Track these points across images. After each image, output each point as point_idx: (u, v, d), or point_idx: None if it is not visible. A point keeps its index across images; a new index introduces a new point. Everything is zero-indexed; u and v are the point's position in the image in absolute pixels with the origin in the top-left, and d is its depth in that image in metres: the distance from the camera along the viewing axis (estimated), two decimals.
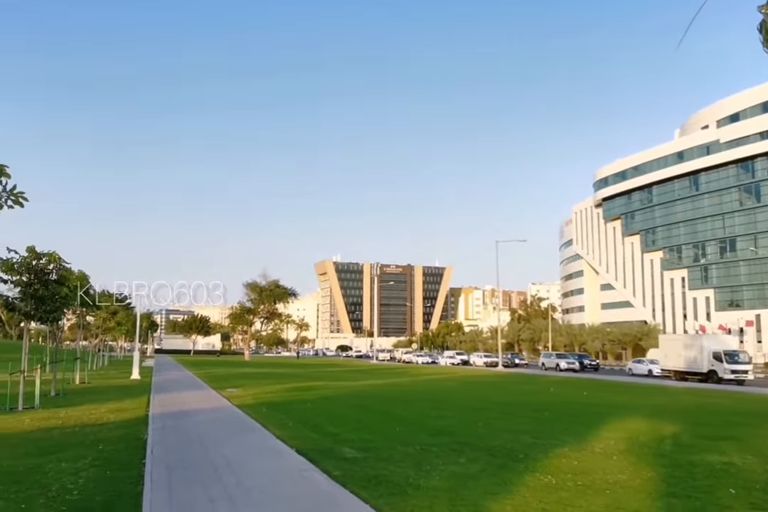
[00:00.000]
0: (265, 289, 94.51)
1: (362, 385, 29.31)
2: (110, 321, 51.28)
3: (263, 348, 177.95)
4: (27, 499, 7.20)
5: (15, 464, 9.33)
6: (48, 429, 13.30)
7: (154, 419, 14.88)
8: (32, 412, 16.34)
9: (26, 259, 18.97)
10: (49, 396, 20.54)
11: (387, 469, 9.05)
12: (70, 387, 25.69)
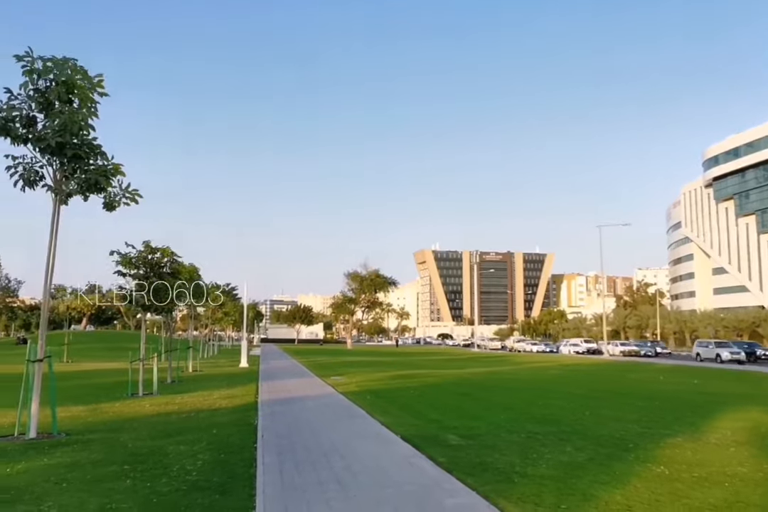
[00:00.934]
0: (365, 279, 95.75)
1: (464, 373, 29.26)
2: (219, 312, 53.43)
3: (365, 337, 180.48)
4: (152, 478, 7.63)
5: (139, 445, 9.90)
6: (166, 413, 14.03)
7: (262, 405, 15.40)
8: (151, 398, 17.27)
9: (142, 254, 20.01)
10: (165, 383, 21.62)
11: (492, 457, 9.02)
12: (184, 374, 26.99)
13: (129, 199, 11.93)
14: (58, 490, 7.10)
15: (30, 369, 11.12)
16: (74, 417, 13.16)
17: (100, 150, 11.33)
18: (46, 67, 10.74)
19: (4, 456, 9.18)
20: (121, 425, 12.16)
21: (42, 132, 10.88)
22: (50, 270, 11.29)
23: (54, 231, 11.29)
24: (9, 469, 8.24)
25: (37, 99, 10.93)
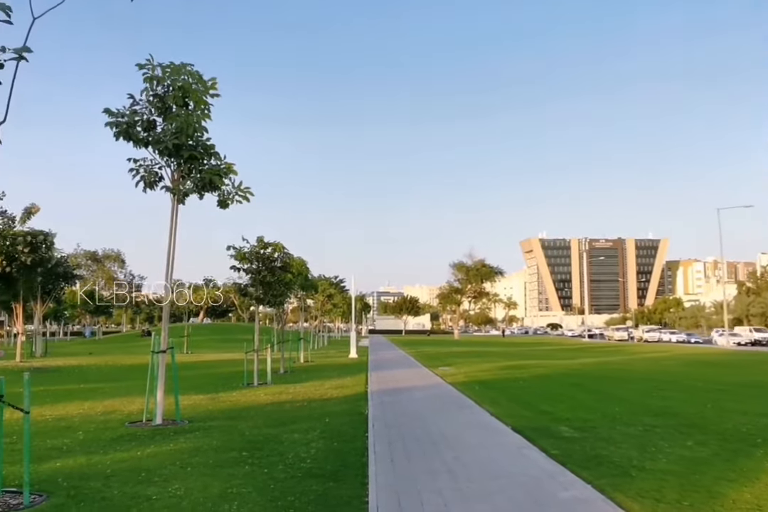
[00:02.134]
0: (471, 269, 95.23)
1: (575, 364, 28.59)
2: (327, 304, 54.55)
3: (472, 328, 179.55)
4: (268, 465, 7.92)
5: (256, 433, 10.29)
6: (280, 403, 14.49)
7: (372, 395, 15.64)
8: (266, 388, 17.88)
9: (255, 248, 20.71)
10: (278, 374, 22.32)
11: (607, 450, 8.79)
12: (296, 365, 27.76)
13: (241, 196, 12.36)
14: (184, 474, 7.49)
15: (154, 360, 11.77)
16: (196, 406, 13.82)
17: (214, 150, 11.79)
18: (165, 73, 11.28)
19: (134, 440, 9.78)
20: (239, 413, 12.68)
21: (160, 135, 11.44)
22: (170, 266, 11.89)
23: (173, 229, 11.86)
24: (139, 453, 8.77)
25: (156, 104, 11.50)
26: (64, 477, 7.30)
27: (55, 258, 34.67)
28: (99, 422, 11.62)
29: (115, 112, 11.37)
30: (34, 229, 31.87)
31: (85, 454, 8.67)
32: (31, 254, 30.49)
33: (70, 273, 41.04)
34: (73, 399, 15.26)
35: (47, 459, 8.33)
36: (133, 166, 11.87)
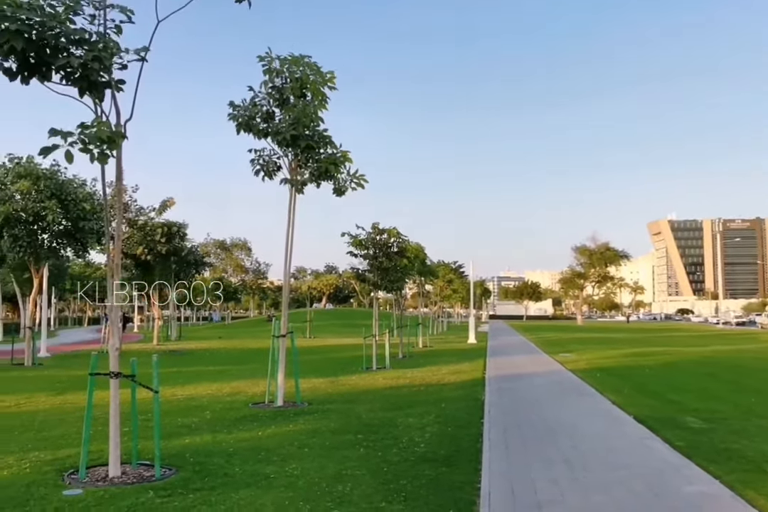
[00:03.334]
0: (594, 252, 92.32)
1: (707, 351, 27.09)
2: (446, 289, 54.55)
3: (596, 313, 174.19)
4: (383, 448, 8.03)
5: (372, 417, 10.45)
6: (398, 387, 14.65)
7: (490, 381, 15.50)
8: (384, 372, 18.12)
9: (371, 235, 20.98)
10: (397, 358, 22.56)
11: (739, 443, 8.28)
12: (415, 350, 27.97)
13: (356, 184, 12.52)
14: (301, 454, 7.73)
15: (275, 343, 12.18)
16: (315, 388, 14.21)
17: (330, 140, 11.97)
18: (283, 65, 11.55)
19: (256, 420, 10.19)
20: (357, 397, 12.92)
21: (279, 126, 11.74)
22: (289, 253, 12.24)
23: (291, 217, 12.19)
24: (260, 433, 9.13)
25: (274, 95, 11.81)
26: (191, 453, 7.71)
27: (187, 247, 36.58)
28: (225, 402, 12.20)
29: (237, 104, 11.80)
30: (169, 221, 33.76)
31: (211, 432, 9.12)
32: (166, 244, 32.37)
33: (201, 261, 43.19)
34: (203, 380, 16.09)
35: (177, 436, 8.83)
36: (254, 156, 12.28)
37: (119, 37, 6.58)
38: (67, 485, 6.42)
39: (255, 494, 6.04)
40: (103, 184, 7.28)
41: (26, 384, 15.67)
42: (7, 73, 6.23)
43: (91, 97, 6.56)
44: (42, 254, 22.40)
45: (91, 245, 23.09)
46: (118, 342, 6.94)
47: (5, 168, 21.41)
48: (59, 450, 7.94)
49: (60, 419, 10.40)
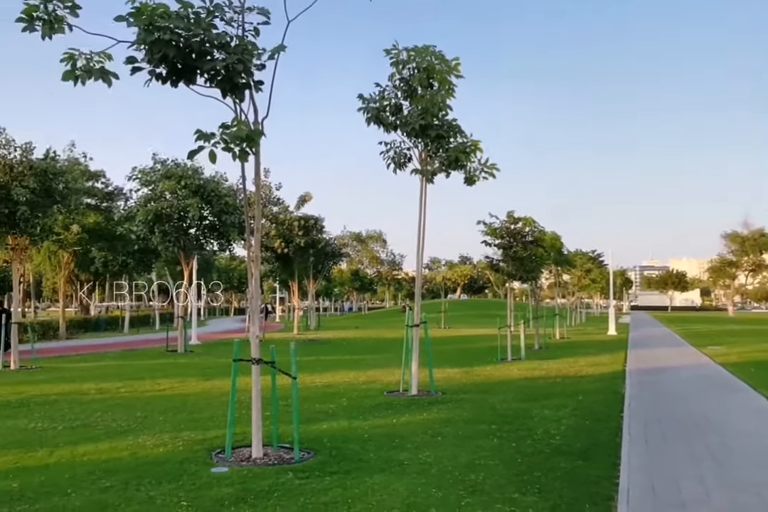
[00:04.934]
0: (747, 239, 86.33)
1: None
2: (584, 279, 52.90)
3: (750, 304, 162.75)
4: (517, 439, 7.94)
5: (506, 407, 10.36)
6: (533, 378, 14.42)
7: (630, 374, 14.92)
8: (519, 363, 17.89)
9: (505, 224, 20.73)
10: (532, 349, 22.18)
11: None
12: (551, 341, 27.39)
13: (487, 173, 12.39)
14: (434, 443, 7.80)
15: (409, 333, 12.33)
16: (449, 378, 14.26)
17: (459, 129, 11.93)
18: (410, 57, 11.64)
19: (391, 408, 10.38)
20: (491, 387, 12.84)
21: (407, 117, 11.84)
22: (421, 244, 12.35)
23: (422, 207, 12.28)
24: (395, 420, 9.30)
25: (402, 87, 11.93)
26: (328, 438, 7.98)
27: (324, 240, 37.69)
28: (361, 390, 12.50)
29: (367, 98, 12.01)
30: (306, 214, 34.93)
31: (347, 419, 9.39)
32: (304, 237, 33.49)
33: (338, 253, 44.39)
34: (340, 368, 16.58)
35: (315, 421, 9.17)
36: (384, 149, 12.46)
37: (257, 39, 6.88)
38: (214, 463, 6.84)
39: (388, 479, 6.17)
40: (244, 181, 7.66)
41: (179, 370, 16.80)
42: (159, 78, 6.67)
43: (231, 97, 6.91)
44: (190, 248, 23.88)
45: (233, 238, 24.34)
46: (258, 330, 7.30)
47: (154, 169, 22.96)
48: (208, 431, 8.47)
49: (208, 402, 11.08)
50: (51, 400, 11.52)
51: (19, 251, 19.35)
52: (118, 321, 42.49)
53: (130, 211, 24.98)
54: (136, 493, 5.80)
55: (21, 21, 6.22)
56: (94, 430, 8.75)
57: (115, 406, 10.78)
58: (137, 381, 14.15)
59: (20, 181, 17.22)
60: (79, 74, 6.26)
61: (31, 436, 8.39)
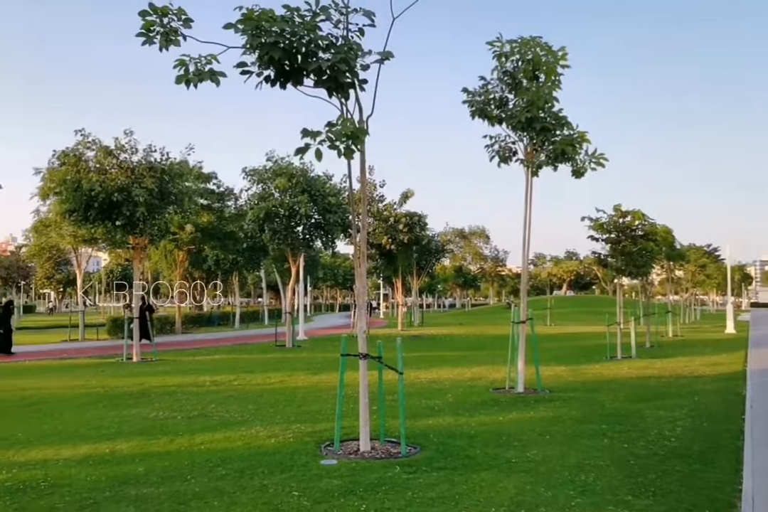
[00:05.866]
0: None
1: None
2: (699, 275, 50.51)
3: None
4: (629, 440, 7.69)
5: (617, 407, 10.06)
6: (644, 377, 13.92)
7: (752, 374, 14.13)
8: (629, 361, 17.31)
9: (613, 218, 20.07)
10: (643, 347, 21.41)
11: None
12: (664, 339, 26.32)
13: (596, 163, 12.05)
14: (542, 441, 7.67)
15: (515, 330, 12.17)
16: (556, 376, 13.97)
17: (566, 120, 11.66)
18: (513, 49, 11.47)
19: (497, 405, 10.29)
20: (600, 386, 12.49)
21: (512, 110, 11.69)
22: (527, 238, 12.16)
23: (528, 201, 12.10)
24: (501, 417, 9.21)
25: (506, 80, 11.78)
26: (434, 434, 8.01)
27: (427, 236, 37.75)
28: (466, 387, 12.45)
29: (471, 91, 11.94)
30: (410, 211, 35.08)
31: (452, 415, 9.38)
32: (408, 234, 33.66)
33: (441, 249, 44.36)
34: (444, 364, 16.57)
35: (421, 416, 9.21)
36: (488, 142, 12.34)
37: (362, 40, 6.97)
38: (324, 455, 7.00)
39: (496, 477, 6.12)
40: (350, 178, 7.79)
41: (287, 364, 17.28)
42: (267, 80, 6.89)
43: (337, 97, 7.04)
44: (297, 245, 24.53)
45: (336, 236, 24.80)
46: (365, 325, 7.40)
47: (266, 168, 23.68)
48: (317, 424, 8.67)
49: (316, 396, 11.34)
50: (170, 391, 12.13)
51: (139, 250, 20.50)
52: (229, 317, 44.18)
53: (240, 210, 25.88)
54: (250, 482, 6.02)
55: (141, 35, 6.58)
56: (210, 420, 9.14)
57: (229, 398, 11.22)
58: (249, 374, 14.67)
59: (140, 183, 18.21)
60: (190, 77, 6.54)
61: (153, 424, 8.86)
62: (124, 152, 18.93)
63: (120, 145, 18.88)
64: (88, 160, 18.88)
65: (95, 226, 19.28)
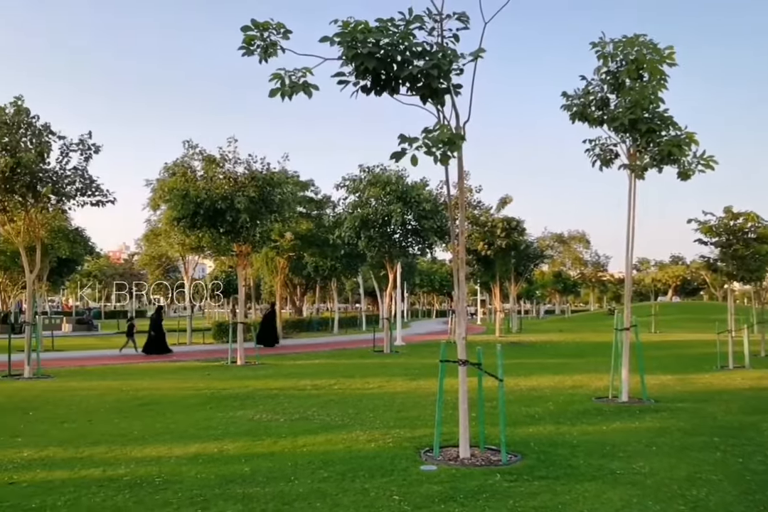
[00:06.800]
0: None
1: None
2: None
3: None
4: (743, 454, 7.31)
5: (730, 419, 9.58)
6: (760, 388, 13.19)
7: None
8: (742, 371, 16.46)
9: (723, 220, 19.19)
10: (758, 357, 20.28)
11: None
12: None
13: (704, 165, 11.57)
14: (648, 453, 7.40)
15: (618, 337, 11.81)
16: (663, 385, 13.45)
17: (672, 121, 11.25)
18: (617, 48, 11.18)
19: (600, 415, 10.02)
20: (710, 397, 11.93)
21: (615, 112, 11.38)
22: (631, 243, 11.80)
23: (631, 204, 11.75)
24: (605, 427, 8.96)
25: (608, 81, 11.49)
26: (535, 442, 7.88)
27: (525, 241, 37.24)
28: (567, 395, 12.18)
29: (570, 94, 11.72)
30: (508, 216, 34.72)
31: (553, 423, 9.20)
32: (505, 239, 33.31)
33: (539, 254, 43.62)
34: (544, 372, 16.27)
35: (521, 424, 9.09)
36: (588, 146, 12.07)
37: (456, 45, 6.99)
38: (423, 461, 7.02)
39: (600, 488, 5.96)
40: (447, 185, 7.81)
41: (386, 369, 17.42)
42: (363, 90, 7.02)
43: (432, 103, 7.08)
44: (394, 252, 24.74)
45: (433, 242, 24.84)
46: (464, 331, 7.38)
47: (360, 178, 24.04)
48: (416, 430, 8.71)
49: (415, 401, 11.38)
50: (273, 394, 12.48)
51: (242, 257, 21.21)
52: (328, 322, 44.96)
53: (338, 218, 26.36)
54: (352, 485, 6.12)
55: (242, 48, 6.84)
56: (311, 423, 9.34)
57: (329, 402, 11.43)
58: (348, 379, 14.89)
59: (242, 192, 18.88)
60: (284, 90, 6.74)
61: (257, 426, 9.15)
62: (228, 162, 19.68)
63: (225, 154, 19.64)
64: (194, 169, 19.78)
65: (202, 232, 20.10)
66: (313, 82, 6.73)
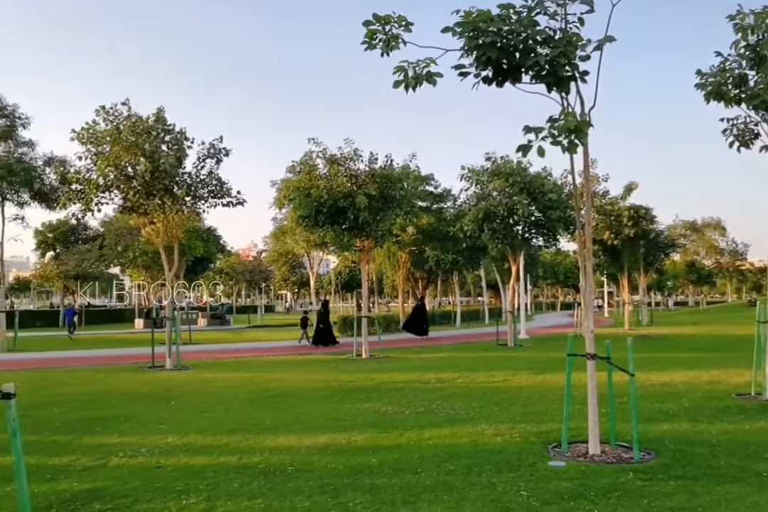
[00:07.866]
0: None
1: None
2: None
3: None
4: None
5: None
6: None
7: None
8: None
9: None
10: None
11: None
12: None
13: None
14: None
15: (761, 330, 11.07)
16: None
17: None
18: (758, 20, 10.43)
19: (742, 413, 9.44)
20: None
21: (755, 88, 10.64)
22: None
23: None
24: (747, 426, 8.44)
25: (748, 55, 10.74)
26: (670, 440, 7.53)
27: (655, 230, 35.68)
28: (704, 391, 11.57)
29: (705, 72, 11.07)
30: (635, 204, 33.37)
31: (690, 421, 8.77)
32: (633, 228, 32.06)
33: (670, 243, 41.62)
34: (678, 366, 15.52)
35: (654, 421, 8.72)
36: (726, 126, 11.36)
37: (581, 29, 6.76)
38: (551, 456, 6.88)
39: (744, 490, 5.62)
40: (573, 173, 7.59)
41: (510, 363, 17.21)
42: (485, 80, 6.93)
43: (557, 91, 6.89)
44: (517, 244, 24.36)
45: (559, 233, 24.22)
46: (592, 324, 7.16)
47: (483, 168, 23.77)
48: (542, 424, 8.55)
49: (541, 396, 11.17)
50: (398, 387, 12.63)
51: (365, 252, 21.56)
52: (450, 316, 44.94)
53: (459, 211, 26.25)
54: (478, 479, 6.09)
55: (364, 43, 6.92)
56: (436, 417, 9.38)
57: (453, 395, 11.43)
58: (472, 372, 14.83)
59: (363, 189, 19.16)
60: (408, 82, 6.75)
61: (383, 419, 9.29)
62: (350, 161, 20.01)
63: (347, 154, 19.96)
64: (318, 168, 20.26)
65: (325, 230, 20.59)
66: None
